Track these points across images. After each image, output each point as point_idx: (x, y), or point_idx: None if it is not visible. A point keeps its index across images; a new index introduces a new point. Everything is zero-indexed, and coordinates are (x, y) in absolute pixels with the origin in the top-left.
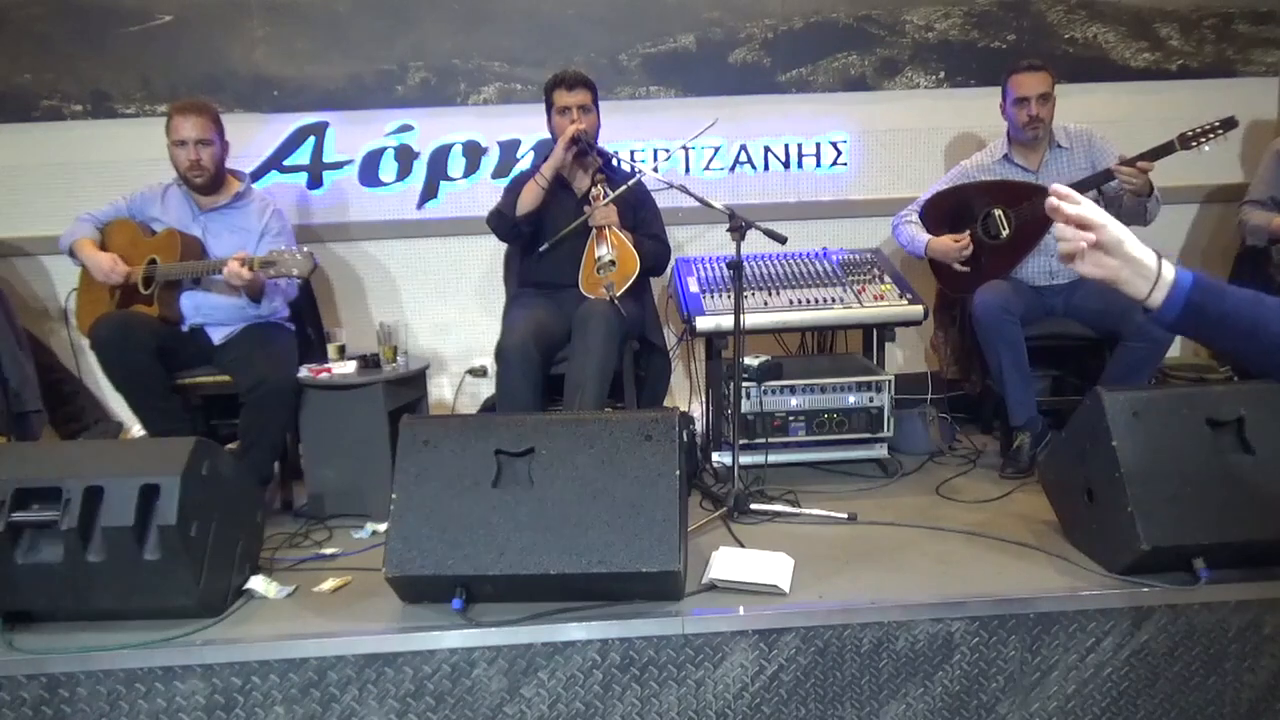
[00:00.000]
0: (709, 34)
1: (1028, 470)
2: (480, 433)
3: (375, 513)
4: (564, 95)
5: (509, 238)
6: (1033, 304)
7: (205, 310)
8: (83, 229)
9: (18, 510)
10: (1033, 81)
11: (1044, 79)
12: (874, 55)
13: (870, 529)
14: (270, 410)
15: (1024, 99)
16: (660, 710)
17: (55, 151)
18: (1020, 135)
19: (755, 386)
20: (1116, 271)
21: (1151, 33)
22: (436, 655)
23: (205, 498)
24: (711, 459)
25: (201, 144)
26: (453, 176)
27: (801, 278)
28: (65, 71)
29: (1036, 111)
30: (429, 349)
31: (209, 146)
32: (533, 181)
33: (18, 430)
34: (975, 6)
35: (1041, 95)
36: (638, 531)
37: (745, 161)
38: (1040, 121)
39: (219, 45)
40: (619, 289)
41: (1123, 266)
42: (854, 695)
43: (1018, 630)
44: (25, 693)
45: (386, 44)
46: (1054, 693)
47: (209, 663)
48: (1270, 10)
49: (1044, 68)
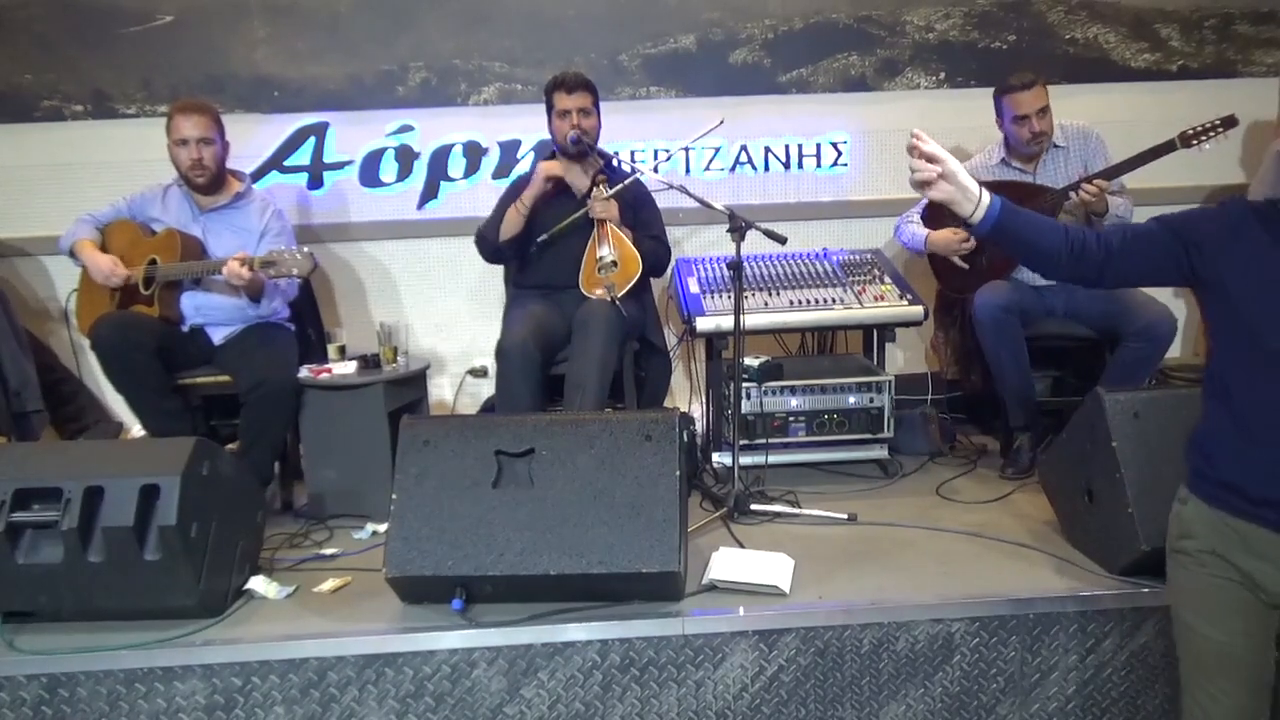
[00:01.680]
0: (709, 34)
1: (1028, 471)
2: (480, 433)
3: (375, 513)
4: (564, 98)
5: (493, 260)
6: (1033, 304)
7: (205, 310)
8: (83, 230)
9: (18, 510)
10: (1029, 99)
11: (1039, 94)
12: (874, 56)
13: (870, 529)
14: (270, 410)
15: (1024, 117)
16: (660, 711)
17: (55, 151)
18: (1025, 150)
19: (755, 387)
20: (953, 195)
21: (1152, 33)
22: (436, 656)
23: (205, 498)
24: (712, 459)
25: (203, 143)
26: (453, 177)
27: (802, 278)
28: (65, 71)
29: (1039, 128)
30: (429, 349)
31: (210, 146)
32: (513, 209)
33: (18, 430)
34: (975, 7)
35: (1041, 110)
36: (638, 532)
37: (745, 162)
38: (1044, 135)
39: (219, 46)
40: (620, 290)
41: (957, 191)
42: (854, 696)
43: (1018, 631)
44: (25, 693)
45: (386, 44)
46: (1054, 693)
47: (209, 663)
48: (1270, 11)
49: (1035, 81)
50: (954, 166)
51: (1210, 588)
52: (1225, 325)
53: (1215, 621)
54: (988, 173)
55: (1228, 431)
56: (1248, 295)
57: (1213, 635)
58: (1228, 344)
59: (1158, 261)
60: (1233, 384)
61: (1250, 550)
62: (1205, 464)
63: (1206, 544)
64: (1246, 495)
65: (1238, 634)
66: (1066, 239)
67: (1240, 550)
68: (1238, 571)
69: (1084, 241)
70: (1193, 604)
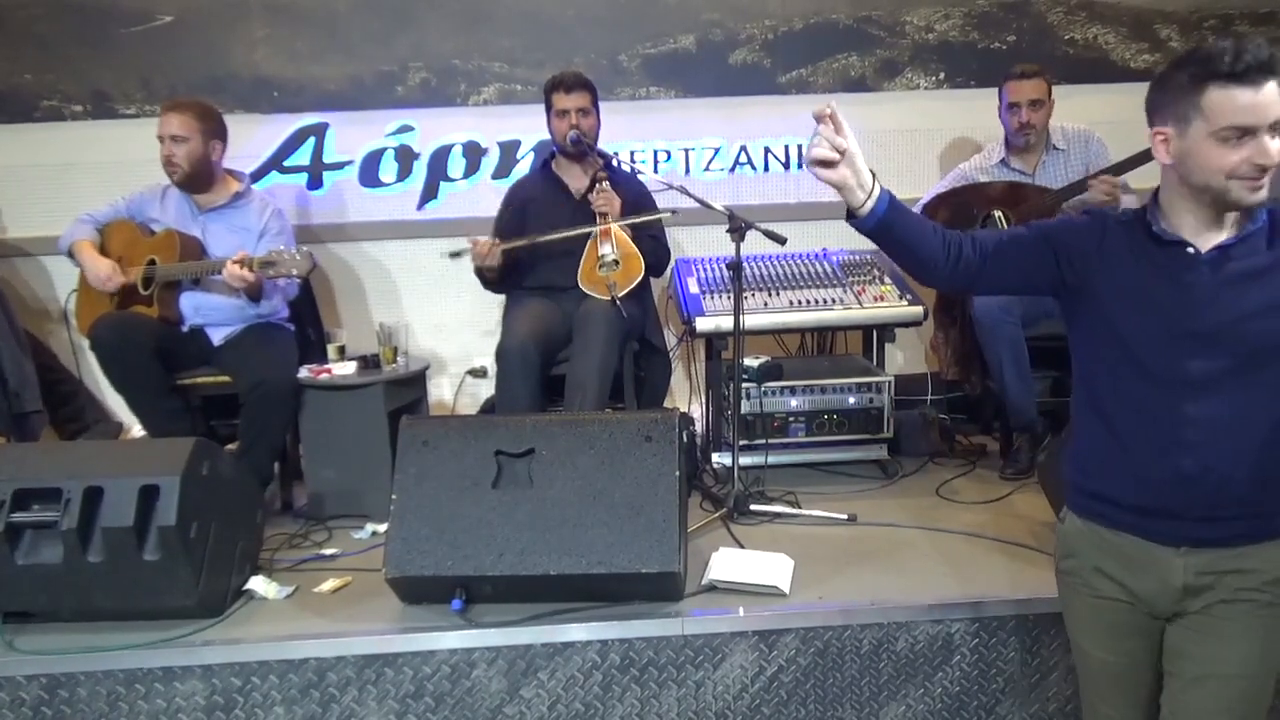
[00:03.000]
0: (709, 35)
1: (1028, 471)
2: (480, 433)
3: (375, 513)
4: (563, 98)
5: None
6: (1032, 305)
7: (205, 311)
8: (82, 230)
9: (18, 511)
10: (1025, 88)
11: (1038, 85)
12: (874, 56)
13: (870, 530)
14: (270, 410)
15: (1015, 105)
16: (660, 711)
17: (55, 151)
18: (1013, 140)
19: (755, 387)
20: (847, 179)
21: (1151, 34)
22: (436, 656)
23: (205, 498)
24: (711, 460)
25: (176, 140)
26: (453, 177)
27: (801, 278)
28: (65, 72)
29: (1028, 118)
30: (429, 349)
31: (183, 144)
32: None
33: (18, 431)
34: (975, 8)
35: (1033, 101)
36: (637, 532)
37: (745, 162)
38: (1032, 128)
39: (219, 46)
40: (622, 289)
41: (852, 177)
42: (854, 696)
43: (1018, 631)
44: (25, 693)
45: (386, 44)
46: (1054, 693)
47: (209, 663)
48: (1270, 11)
49: (1039, 73)
50: (855, 149)
51: (1097, 608)
52: (1095, 335)
53: (1103, 643)
54: (986, 173)
55: (1100, 443)
56: (1117, 305)
57: (1102, 656)
58: (1097, 354)
59: (1029, 269)
60: (1103, 395)
61: (1130, 563)
62: (1080, 477)
63: (1089, 560)
64: (1120, 505)
65: (1124, 654)
66: (944, 243)
67: (1120, 564)
68: (1122, 589)
69: (960, 246)
70: (1082, 626)
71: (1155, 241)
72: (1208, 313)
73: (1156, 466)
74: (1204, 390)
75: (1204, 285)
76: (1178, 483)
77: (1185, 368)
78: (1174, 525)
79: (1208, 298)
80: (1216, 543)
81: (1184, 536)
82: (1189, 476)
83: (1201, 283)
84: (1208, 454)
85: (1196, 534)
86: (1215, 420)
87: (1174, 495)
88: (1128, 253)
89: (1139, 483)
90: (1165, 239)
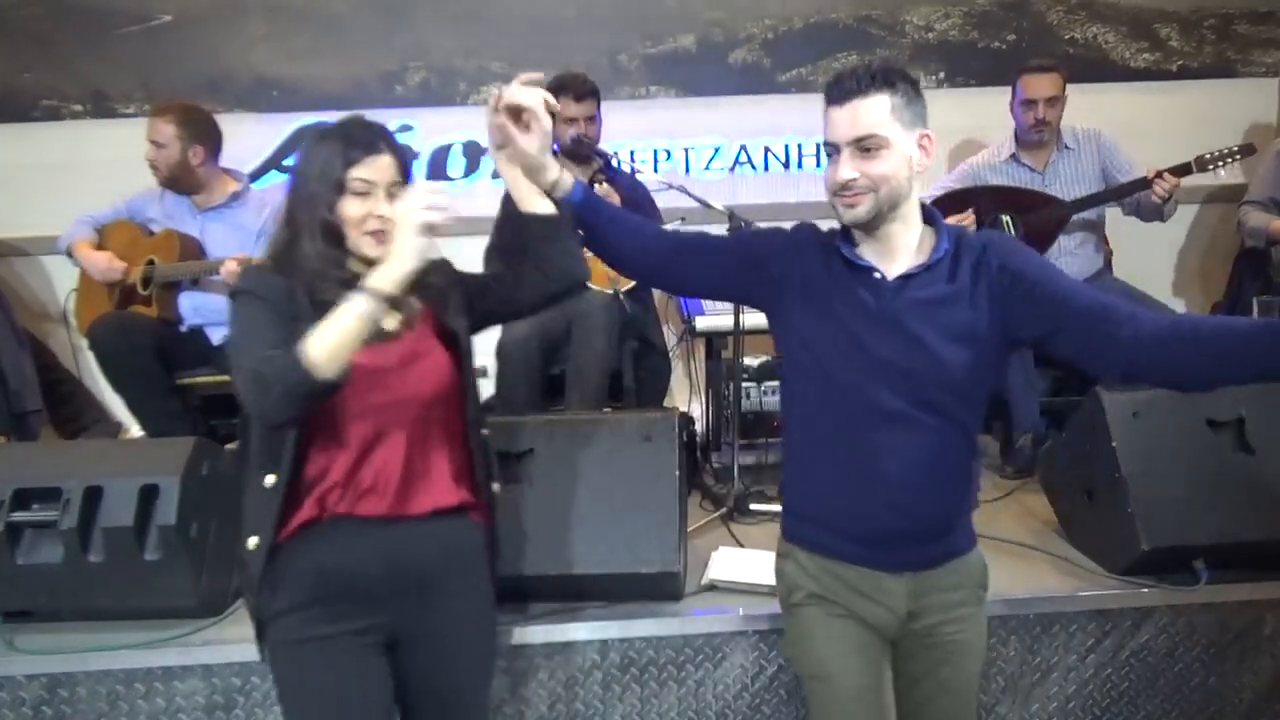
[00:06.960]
0: (709, 34)
1: (1028, 470)
2: None
3: None
4: (570, 106)
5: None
6: None
7: (204, 310)
8: (80, 230)
9: (18, 510)
10: (1042, 84)
11: (1054, 81)
12: (874, 56)
13: None
14: None
15: (1032, 101)
16: (660, 711)
17: (55, 151)
18: (1026, 137)
19: (755, 386)
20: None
21: (1151, 33)
22: None
23: (205, 498)
24: (711, 459)
25: (155, 145)
26: (452, 177)
27: None
28: (65, 71)
29: (1044, 115)
30: None
31: (161, 149)
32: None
33: (17, 430)
34: (975, 7)
35: (1050, 99)
36: (637, 532)
37: (745, 162)
38: (1046, 124)
39: (218, 45)
40: (625, 284)
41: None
42: None
43: (1018, 630)
44: (25, 693)
45: (386, 44)
46: (1054, 693)
47: (209, 663)
48: (1270, 11)
49: (1055, 68)
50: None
51: (828, 628)
52: (793, 351)
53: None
54: (995, 170)
55: (806, 464)
56: (809, 320)
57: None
58: (796, 370)
59: (710, 273)
60: (804, 412)
61: (852, 589)
62: (795, 501)
63: (815, 589)
64: (831, 528)
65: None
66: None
67: (844, 590)
68: (849, 612)
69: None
70: (813, 650)
71: (848, 266)
72: (891, 339)
73: (864, 498)
74: (895, 421)
75: (888, 312)
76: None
77: (876, 396)
78: (892, 553)
79: (890, 324)
80: (930, 564)
81: (904, 562)
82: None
83: (887, 309)
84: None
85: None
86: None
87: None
88: (824, 273)
89: (851, 509)
90: (857, 264)
